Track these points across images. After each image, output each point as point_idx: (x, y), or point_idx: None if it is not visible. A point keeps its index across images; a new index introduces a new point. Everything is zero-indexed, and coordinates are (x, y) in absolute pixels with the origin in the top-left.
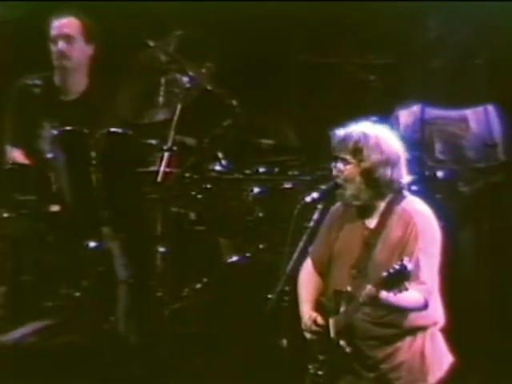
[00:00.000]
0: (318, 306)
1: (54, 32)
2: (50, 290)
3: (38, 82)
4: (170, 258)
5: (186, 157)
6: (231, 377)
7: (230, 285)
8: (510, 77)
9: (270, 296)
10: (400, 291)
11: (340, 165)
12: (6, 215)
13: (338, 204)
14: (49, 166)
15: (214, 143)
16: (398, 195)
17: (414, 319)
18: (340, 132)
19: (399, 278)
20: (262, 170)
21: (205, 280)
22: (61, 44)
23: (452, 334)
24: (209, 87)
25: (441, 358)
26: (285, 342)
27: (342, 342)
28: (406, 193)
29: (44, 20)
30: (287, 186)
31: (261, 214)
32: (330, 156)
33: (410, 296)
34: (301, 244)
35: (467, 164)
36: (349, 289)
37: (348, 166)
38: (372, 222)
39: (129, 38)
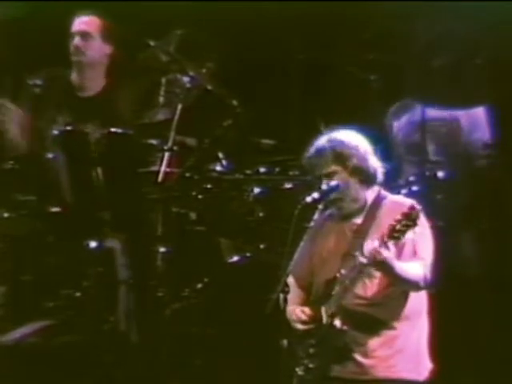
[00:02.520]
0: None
1: (73, 28)
2: (50, 290)
3: (50, 80)
4: (170, 258)
5: (187, 157)
6: (231, 377)
7: (231, 285)
8: (510, 77)
9: (269, 296)
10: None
11: (328, 181)
12: (6, 215)
13: (321, 215)
14: (49, 165)
15: (215, 143)
16: (380, 192)
17: (407, 302)
18: (309, 152)
19: (407, 223)
20: (262, 170)
21: (205, 280)
22: (77, 40)
23: (451, 333)
24: (209, 87)
25: (427, 359)
26: (285, 341)
27: (336, 322)
28: (386, 192)
29: (45, 19)
30: (287, 186)
31: (261, 214)
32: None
33: (412, 266)
34: (301, 244)
35: (463, 164)
36: (342, 271)
37: (336, 177)
38: (359, 219)
39: (129, 38)
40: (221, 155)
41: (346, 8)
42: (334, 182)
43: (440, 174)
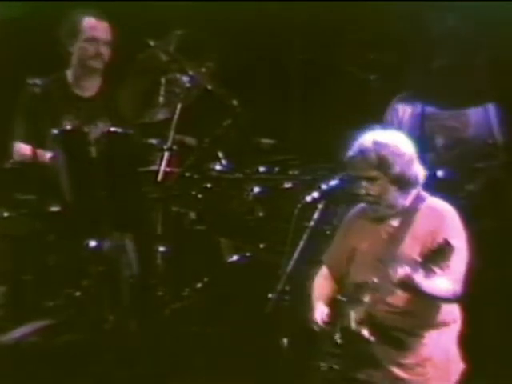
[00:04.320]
0: (332, 304)
1: (93, 33)
2: (50, 290)
3: (47, 82)
4: (170, 258)
5: (187, 156)
6: (231, 377)
7: (230, 284)
8: (510, 77)
9: (270, 295)
10: (440, 268)
11: (367, 184)
12: (6, 215)
13: (353, 211)
14: (49, 165)
15: (215, 143)
16: (420, 194)
17: (437, 311)
18: (353, 151)
19: (440, 255)
20: (262, 169)
21: (205, 279)
22: (101, 47)
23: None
24: (209, 87)
25: (458, 362)
26: (285, 341)
27: (364, 332)
28: (424, 193)
29: (44, 20)
30: (287, 185)
31: (261, 214)
32: (330, 157)
33: (440, 283)
34: (301, 244)
35: (468, 162)
36: (375, 279)
37: (378, 182)
38: (396, 221)
39: (129, 38)
40: (220, 155)
41: (346, 8)
42: (334, 182)
43: (440, 173)
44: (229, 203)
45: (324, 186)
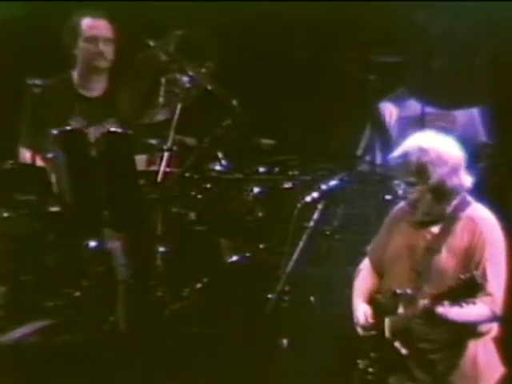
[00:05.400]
0: (372, 302)
1: (92, 32)
2: (50, 290)
3: (53, 82)
4: (170, 258)
5: (186, 157)
6: (231, 377)
7: (230, 285)
8: (510, 77)
9: (269, 296)
10: (466, 303)
11: (406, 187)
12: (6, 215)
13: (400, 206)
14: (49, 165)
15: (214, 143)
16: (463, 201)
17: (472, 325)
18: (396, 153)
19: (466, 290)
20: (262, 169)
21: (205, 280)
22: (102, 46)
23: None
24: (209, 87)
25: (493, 367)
26: (285, 341)
27: (397, 344)
28: (469, 198)
29: (45, 20)
30: (287, 185)
31: (261, 214)
32: (330, 157)
33: (473, 310)
34: (301, 244)
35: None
36: (409, 291)
37: (415, 187)
38: (436, 228)
39: (129, 38)
40: (220, 155)
41: (346, 8)
42: (333, 182)
43: None
44: (229, 203)
45: (324, 187)
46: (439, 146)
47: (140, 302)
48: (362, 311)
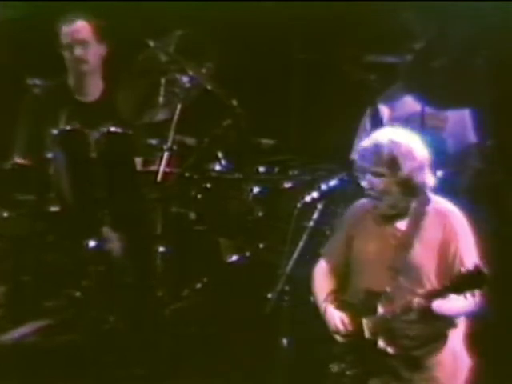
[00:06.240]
0: (342, 306)
1: (67, 39)
2: (50, 290)
3: (50, 86)
4: (170, 258)
5: (186, 157)
6: (231, 377)
7: (230, 285)
8: (510, 76)
9: (269, 296)
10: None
11: (372, 178)
12: (5, 215)
13: (356, 206)
14: (49, 166)
15: (214, 143)
16: (426, 196)
17: (451, 318)
18: (366, 144)
19: (472, 282)
20: (261, 169)
21: (205, 280)
22: (77, 50)
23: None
24: (209, 87)
25: (466, 357)
26: (285, 342)
27: (381, 343)
28: (429, 193)
29: (45, 20)
30: (287, 185)
31: (261, 214)
32: (330, 158)
33: (462, 302)
34: (301, 244)
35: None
36: (388, 289)
37: (382, 179)
38: (403, 224)
39: (129, 38)
40: (220, 155)
41: (346, 8)
42: (333, 182)
43: (439, 173)
44: (228, 203)
45: (323, 187)
46: (409, 142)
47: (140, 302)
48: (338, 318)
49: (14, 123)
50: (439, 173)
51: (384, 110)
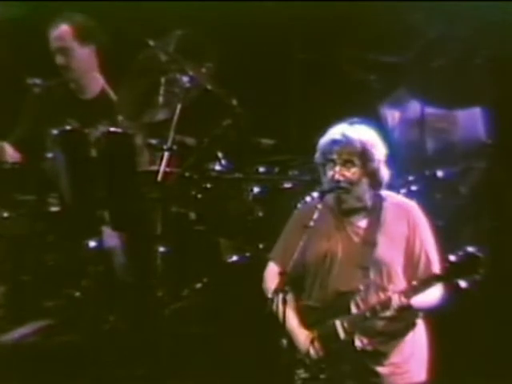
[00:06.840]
0: (306, 311)
1: (52, 45)
2: (50, 290)
3: (51, 86)
4: (170, 258)
5: (186, 156)
6: (231, 377)
7: (230, 285)
8: (510, 76)
9: (269, 296)
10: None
11: (342, 168)
12: (5, 215)
13: (309, 204)
14: (49, 165)
15: (214, 143)
16: (379, 193)
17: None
18: (336, 135)
19: (467, 268)
20: (261, 169)
21: (205, 280)
22: (59, 58)
23: (451, 333)
24: (209, 87)
25: (424, 344)
26: (285, 342)
27: (357, 342)
28: (383, 191)
29: (45, 20)
30: (287, 185)
31: (261, 214)
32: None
33: (435, 293)
34: (301, 244)
35: (463, 163)
36: (361, 287)
37: (353, 169)
38: (363, 221)
39: (129, 38)
40: (220, 155)
41: (346, 8)
42: (333, 183)
43: (439, 173)
44: (228, 203)
45: (324, 187)
46: (374, 137)
47: (140, 302)
48: (306, 341)
49: (14, 123)
50: (439, 173)
51: (391, 113)
